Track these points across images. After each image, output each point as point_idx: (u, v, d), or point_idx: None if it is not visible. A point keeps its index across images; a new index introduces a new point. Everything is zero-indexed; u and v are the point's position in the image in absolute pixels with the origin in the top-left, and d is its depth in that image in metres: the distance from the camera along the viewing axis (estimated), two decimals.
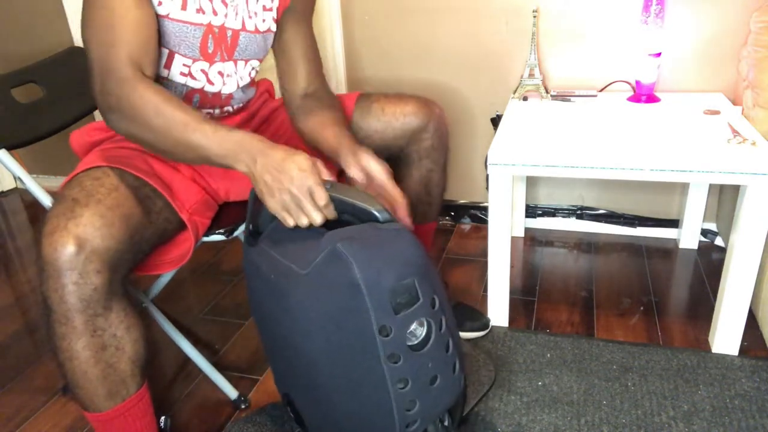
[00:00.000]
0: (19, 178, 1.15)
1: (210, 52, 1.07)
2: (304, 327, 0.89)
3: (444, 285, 1.55)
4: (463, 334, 1.42)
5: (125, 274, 0.94)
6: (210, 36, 1.05)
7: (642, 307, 1.53)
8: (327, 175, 0.91)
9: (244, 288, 1.73)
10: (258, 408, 1.27)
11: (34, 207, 2.40)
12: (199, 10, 1.02)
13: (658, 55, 1.57)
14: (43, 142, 1.20)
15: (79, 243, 0.85)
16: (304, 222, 0.89)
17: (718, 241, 1.80)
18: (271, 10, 1.13)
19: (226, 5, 1.05)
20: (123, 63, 0.93)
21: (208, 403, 1.31)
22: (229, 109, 1.19)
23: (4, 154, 1.12)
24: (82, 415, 1.23)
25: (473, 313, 1.46)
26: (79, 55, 1.33)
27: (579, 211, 1.91)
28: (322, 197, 0.88)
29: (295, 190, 0.87)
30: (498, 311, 1.46)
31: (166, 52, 1.03)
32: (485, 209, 2.00)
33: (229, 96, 1.16)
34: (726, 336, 1.32)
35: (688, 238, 1.78)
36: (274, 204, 0.90)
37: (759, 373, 1.27)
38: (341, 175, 1.10)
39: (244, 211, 1.15)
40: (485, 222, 2.02)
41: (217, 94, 1.13)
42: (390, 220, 0.87)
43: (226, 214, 1.18)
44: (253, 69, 1.17)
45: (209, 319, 1.61)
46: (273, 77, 1.33)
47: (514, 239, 1.90)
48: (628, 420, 1.17)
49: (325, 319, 0.85)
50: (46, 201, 1.15)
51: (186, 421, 1.26)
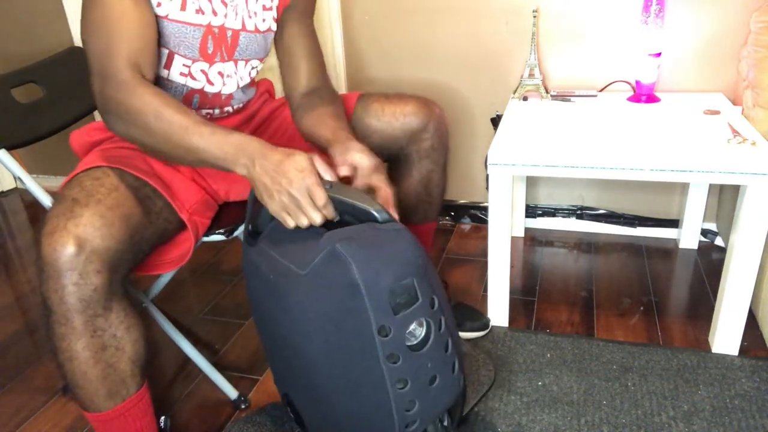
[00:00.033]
0: (19, 178, 1.16)
1: (210, 52, 1.07)
2: (303, 327, 0.89)
3: (444, 285, 1.56)
4: (463, 334, 1.42)
5: (125, 274, 0.94)
6: (210, 36, 1.05)
7: (642, 307, 1.53)
8: (327, 175, 0.91)
9: (244, 288, 1.73)
10: (258, 408, 1.27)
11: (34, 207, 2.40)
12: (199, 11, 1.02)
13: (658, 55, 1.57)
14: (43, 142, 1.20)
15: (79, 243, 0.85)
16: (303, 223, 0.89)
17: (718, 241, 1.80)
18: (271, 9, 1.13)
19: (225, 5, 1.04)
20: (122, 66, 0.93)
21: (208, 403, 1.31)
22: (229, 109, 1.19)
23: (4, 154, 1.12)
24: (82, 415, 1.23)
25: (473, 313, 1.46)
26: (79, 55, 1.33)
27: (579, 211, 1.91)
28: (320, 197, 0.88)
29: (294, 191, 0.87)
30: (498, 311, 1.46)
31: (165, 52, 1.03)
32: (485, 209, 2.00)
33: (229, 96, 1.16)
34: (726, 336, 1.32)
35: (688, 238, 1.78)
36: (273, 206, 0.90)
37: (759, 373, 1.27)
38: None
39: (244, 211, 1.15)
40: (485, 222, 2.02)
41: (217, 95, 1.13)
42: (389, 220, 0.87)
43: (226, 214, 1.18)
44: (253, 69, 1.17)
45: (209, 319, 1.61)
46: (273, 77, 1.33)
47: (514, 239, 1.90)
48: (628, 420, 1.17)
49: (324, 319, 0.85)
50: (46, 201, 1.15)
51: (186, 421, 1.26)
